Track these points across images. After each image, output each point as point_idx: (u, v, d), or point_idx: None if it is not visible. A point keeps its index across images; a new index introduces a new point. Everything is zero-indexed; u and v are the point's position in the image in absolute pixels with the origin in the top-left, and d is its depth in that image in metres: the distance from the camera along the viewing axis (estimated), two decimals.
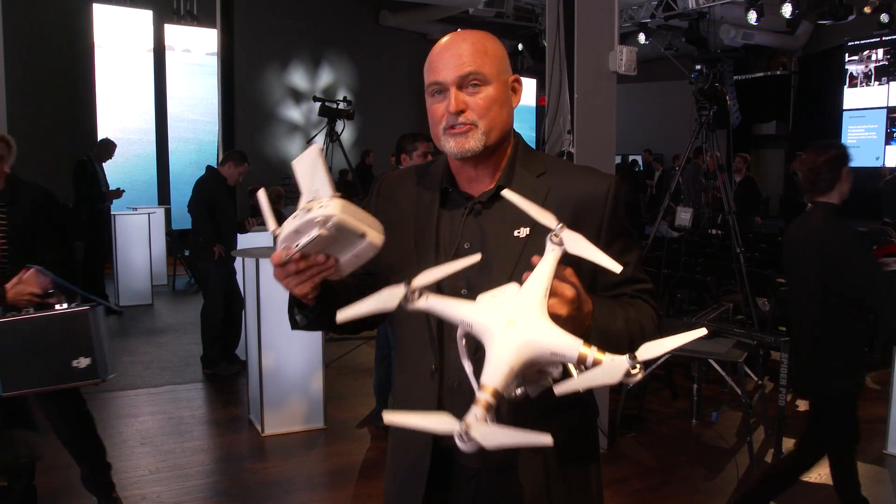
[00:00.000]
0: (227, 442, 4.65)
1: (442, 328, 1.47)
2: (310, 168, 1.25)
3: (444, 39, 1.47)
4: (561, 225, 1.21)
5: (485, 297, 1.20)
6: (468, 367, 1.19)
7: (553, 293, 1.21)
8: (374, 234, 1.24)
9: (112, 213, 8.40)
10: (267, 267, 4.61)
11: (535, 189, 1.46)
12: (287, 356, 4.69)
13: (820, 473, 4.20)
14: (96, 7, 11.32)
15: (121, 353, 6.60)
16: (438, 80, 1.43)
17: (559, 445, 1.47)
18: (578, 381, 1.08)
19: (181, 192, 12.53)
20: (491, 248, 1.44)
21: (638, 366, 1.05)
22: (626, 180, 13.92)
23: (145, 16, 11.74)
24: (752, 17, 13.12)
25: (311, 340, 4.73)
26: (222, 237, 5.87)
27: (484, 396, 1.06)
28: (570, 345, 1.10)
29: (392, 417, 1.11)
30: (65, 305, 2.82)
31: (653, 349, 1.08)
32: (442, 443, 1.47)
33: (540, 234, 1.41)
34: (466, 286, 1.44)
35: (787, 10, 12.92)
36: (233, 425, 4.91)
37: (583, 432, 1.55)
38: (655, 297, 1.55)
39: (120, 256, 8.48)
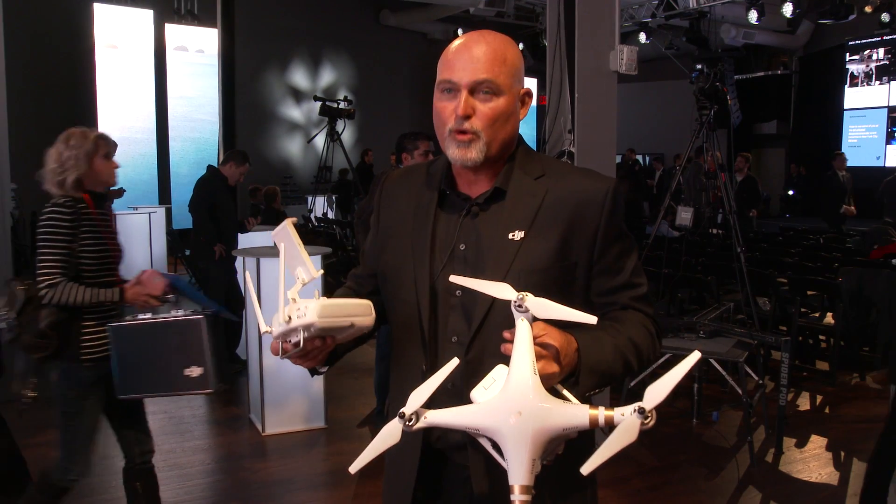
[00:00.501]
0: (227, 441, 4.65)
1: (434, 329, 1.46)
2: (287, 244, 1.34)
3: (466, 37, 1.45)
4: (521, 295, 1.22)
5: (478, 392, 1.23)
6: (503, 462, 1.20)
7: (538, 357, 1.22)
8: (361, 321, 1.31)
9: (113, 212, 8.38)
10: (267, 267, 4.61)
11: (533, 191, 1.45)
12: None
13: (821, 473, 4.21)
14: (97, 7, 11.33)
15: None
16: (452, 79, 1.42)
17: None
18: (602, 454, 1.12)
19: (182, 191, 12.54)
20: (485, 249, 1.44)
21: (650, 416, 1.09)
22: (627, 180, 13.91)
23: (146, 15, 11.75)
24: (753, 16, 13.11)
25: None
26: (223, 236, 5.87)
27: (520, 497, 1.12)
28: (578, 415, 1.15)
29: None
30: (181, 312, 2.80)
31: (658, 393, 1.11)
32: (434, 443, 1.47)
33: (534, 236, 1.42)
34: (461, 289, 1.43)
35: (787, 9, 12.92)
36: (233, 425, 4.91)
37: (577, 442, 1.55)
38: (651, 300, 1.53)
39: None
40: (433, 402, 1.21)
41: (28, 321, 2.76)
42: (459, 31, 15.26)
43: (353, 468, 1.26)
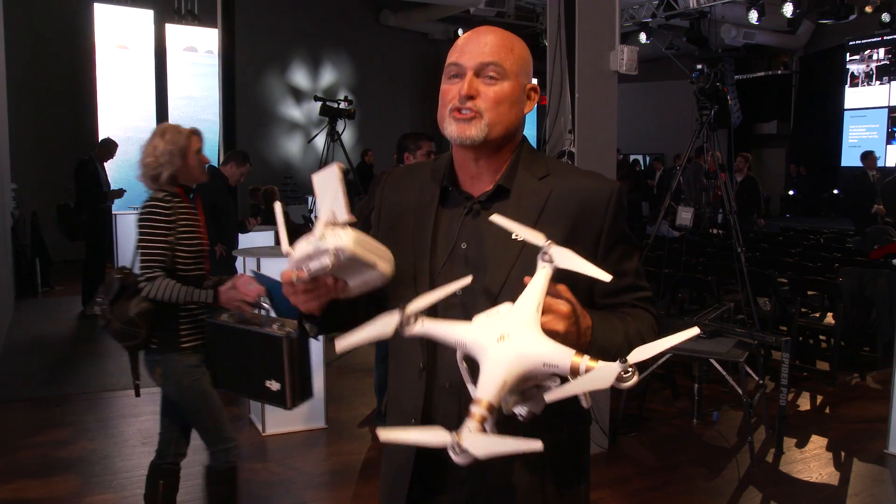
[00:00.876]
0: None
1: None
2: (329, 186, 1.27)
3: (476, 28, 1.47)
4: (549, 242, 1.22)
5: (479, 318, 1.22)
6: (472, 390, 1.19)
7: (548, 310, 1.21)
8: (384, 266, 1.27)
9: (113, 212, 8.40)
10: (267, 267, 4.61)
11: (537, 191, 1.45)
12: None
13: (821, 473, 4.21)
14: (97, 7, 11.33)
15: (122, 352, 6.58)
16: (459, 62, 1.43)
17: (549, 456, 1.47)
18: (571, 387, 1.09)
19: None
20: (488, 249, 1.43)
21: (630, 370, 1.06)
22: (627, 180, 13.92)
23: (146, 15, 11.74)
24: (753, 16, 13.12)
25: (312, 341, 4.73)
26: (223, 237, 5.87)
27: (478, 410, 1.07)
28: (562, 355, 1.11)
29: (387, 434, 1.12)
30: (274, 327, 2.81)
31: (644, 352, 1.09)
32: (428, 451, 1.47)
33: None
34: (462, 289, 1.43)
35: (788, 9, 12.93)
36: (234, 424, 4.89)
37: (574, 443, 1.55)
38: (655, 303, 1.54)
39: (121, 256, 8.49)
40: (432, 404, 1.20)
41: (120, 309, 2.81)
42: (460, 32, 15.26)
43: (339, 348, 1.26)
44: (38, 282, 9.34)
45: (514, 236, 1.40)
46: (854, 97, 17.07)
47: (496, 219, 1.30)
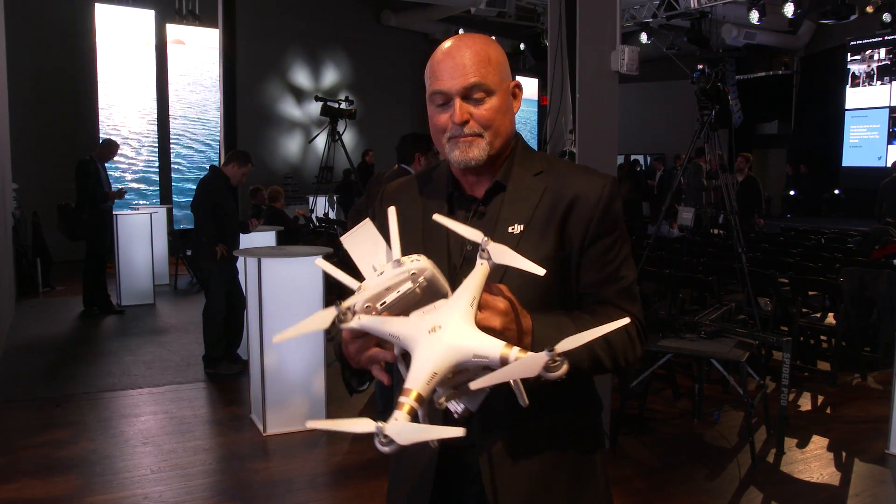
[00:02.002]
0: (228, 441, 4.65)
1: None
2: (368, 239, 1.30)
3: (446, 45, 1.46)
4: (486, 239, 1.22)
5: (415, 313, 1.21)
6: (404, 375, 1.18)
7: (484, 306, 1.21)
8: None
9: (114, 212, 8.40)
10: (270, 268, 4.61)
11: (532, 187, 1.48)
12: (289, 356, 4.69)
13: (822, 474, 4.21)
14: (98, 7, 11.34)
15: (123, 352, 6.61)
16: (442, 89, 1.43)
17: (560, 440, 1.47)
18: (495, 375, 1.08)
19: (183, 191, 12.56)
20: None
21: (558, 359, 1.05)
22: (628, 180, 13.91)
23: (147, 15, 11.76)
24: (754, 16, 13.12)
25: (313, 341, 4.73)
26: (225, 237, 5.87)
27: (406, 400, 1.07)
28: (491, 346, 1.11)
29: (315, 424, 1.13)
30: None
31: (572, 341, 1.07)
32: (446, 441, 1.47)
33: (534, 229, 1.44)
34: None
35: (789, 9, 12.93)
36: (235, 425, 4.91)
37: (585, 427, 1.55)
38: (637, 295, 1.52)
39: (122, 256, 8.49)
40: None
41: None
42: (461, 31, 15.26)
43: (276, 339, 1.23)
44: (39, 282, 9.35)
45: (509, 230, 1.43)
46: (855, 97, 17.06)
47: (438, 218, 1.30)
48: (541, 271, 1.20)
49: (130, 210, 9.16)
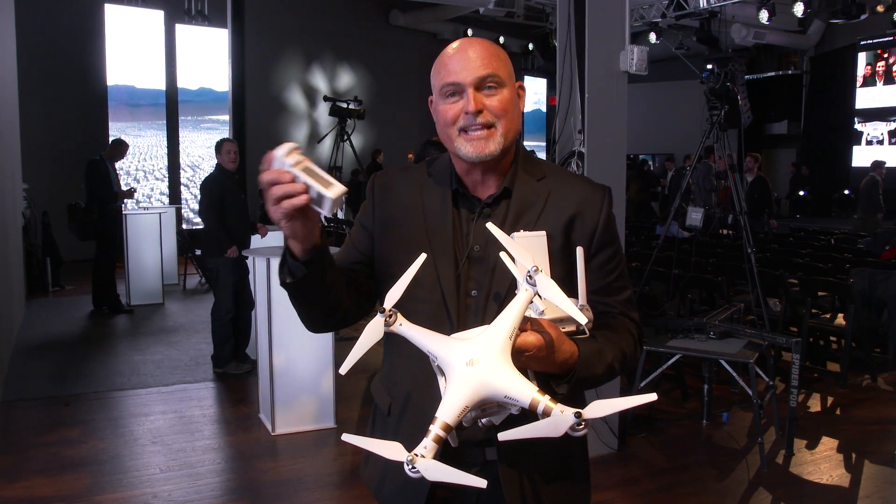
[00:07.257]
0: (237, 441, 4.66)
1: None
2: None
3: (455, 44, 1.48)
4: (536, 267, 1.22)
5: (456, 335, 1.27)
6: (442, 389, 1.23)
7: (522, 346, 1.24)
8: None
9: (123, 212, 8.43)
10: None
11: (537, 191, 1.51)
12: (297, 356, 4.69)
13: (832, 475, 4.19)
14: (108, 7, 11.39)
15: (132, 352, 6.63)
16: (455, 80, 1.44)
17: (547, 461, 1.50)
18: (522, 431, 1.11)
19: (192, 192, 12.60)
20: (495, 249, 1.44)
21: (583, 423, 1.09)
22: (637, 181, 13.89)
23: (156, 16, 11.80)
24: (764, 16, 13.06)
25: (322, 340, 4.73)
26: (233, 235, 5.87)
27: (436, 430, 1.12)
28: (523, 391, 1.14)
29: (349, 438, 1.17)
30: None
31: (600, 409, 1.10)
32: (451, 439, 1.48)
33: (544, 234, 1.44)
34: (476, 287, 1.47)
35: (798, 9, 12.87)
36: (243, 424, 4.92)
37: (571, 448, 1.56)
38: (635, 303, 1.59)
39: (131, 256, 8.52)
40: (435, 401, 1.20)
41: None
42: (469, 32, 15.26)
43: (343, 370, 1.30)
44: (49, 281, 9.40)
45: (514, 234, 1.42)
46: (865, 97, 16.97)
47: (491, 228, 1.31)
48: (583, 319, 1.22)
49: (139, 210, 9.19)
